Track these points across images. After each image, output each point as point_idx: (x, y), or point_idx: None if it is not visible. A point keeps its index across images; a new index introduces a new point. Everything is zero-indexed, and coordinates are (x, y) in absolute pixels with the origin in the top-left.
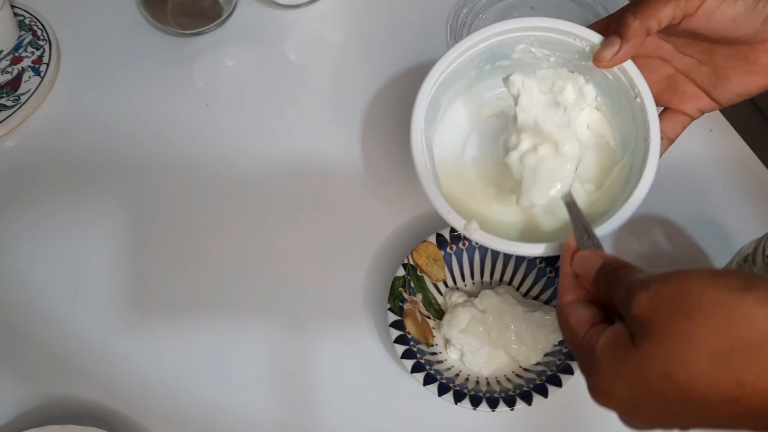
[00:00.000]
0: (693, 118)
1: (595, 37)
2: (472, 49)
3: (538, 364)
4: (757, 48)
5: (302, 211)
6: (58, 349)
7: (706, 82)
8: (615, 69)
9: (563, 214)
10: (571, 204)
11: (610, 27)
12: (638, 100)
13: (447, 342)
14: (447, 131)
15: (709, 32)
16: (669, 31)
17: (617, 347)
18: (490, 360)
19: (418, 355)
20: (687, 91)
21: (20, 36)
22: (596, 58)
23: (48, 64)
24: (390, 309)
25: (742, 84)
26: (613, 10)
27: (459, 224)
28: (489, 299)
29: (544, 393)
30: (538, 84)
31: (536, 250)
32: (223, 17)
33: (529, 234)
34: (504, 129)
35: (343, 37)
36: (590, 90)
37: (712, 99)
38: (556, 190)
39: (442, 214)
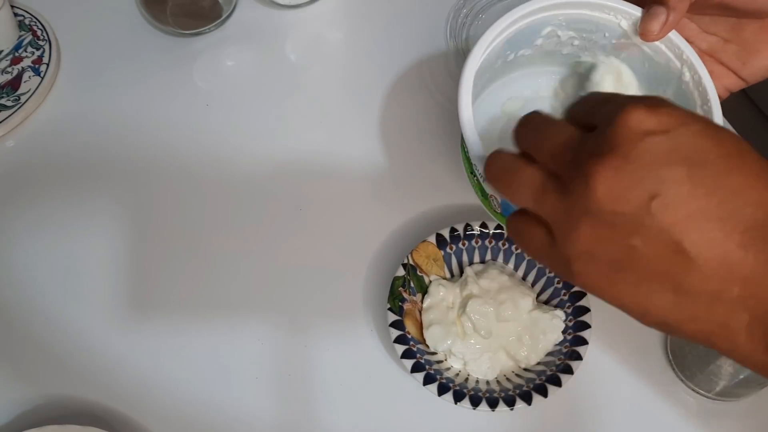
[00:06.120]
0: (720, 98)
1: (634, 9)
2: (507, 31)
3: (538, 364)
4: None
5: (302, 211)
6: (58, 349)
7: (734, 59)
8: (657, 42)
9: None
10: None
11: None
12: (687, 68)
13: (449, 352)
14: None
15: (745, 5)
16: (703, 5)
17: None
18: (493, 365)
19: (418, 355)
20: (713, 70)
21: (20, 36)
22: (643, 32)
23: (48, 64)
24: (390, 309)
25: None
26: None
27: None
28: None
29: (544, 393)
30: None
31: None
32: (223, 17)
33: None
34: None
35: (343, 37)
36: (626, 70)
37: (740, 77)
38: None
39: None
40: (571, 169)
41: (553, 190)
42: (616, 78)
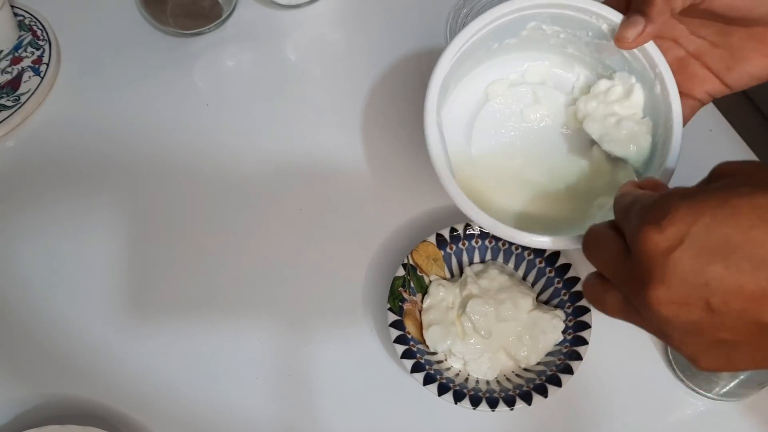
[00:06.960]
0: (702, 103)
1: (615, 16)
2: (486, 28)
3: (538, 364)
4: None
5: (302, 211)
6: (58, 349)
7: (720, 64)
8: (635, 50)
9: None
10: None
11: (632, 5)
12: (658, 81)
13: (449, 352)
14: (453, 113)
15: (729, 12)
16: (688, 11)
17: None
18: (493, 365)
19: (418, 355)
20: (698, 74)
21: (20, 36)
22: (618, 38)
23: (48, 65)
24: (390, 309)
25: (759, 66)
26: None
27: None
28: (486, 282)
29: (544, 393)
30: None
31: (545, 241)
32: (223, 17)
33: (529, 226)
34: (512, 104)
35: (342, 37)
36: (638, 90)
37: (723, 83)
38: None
39: (458, 204)
40: (631, 292)
41: (633, 314)
42: (625, 94)
